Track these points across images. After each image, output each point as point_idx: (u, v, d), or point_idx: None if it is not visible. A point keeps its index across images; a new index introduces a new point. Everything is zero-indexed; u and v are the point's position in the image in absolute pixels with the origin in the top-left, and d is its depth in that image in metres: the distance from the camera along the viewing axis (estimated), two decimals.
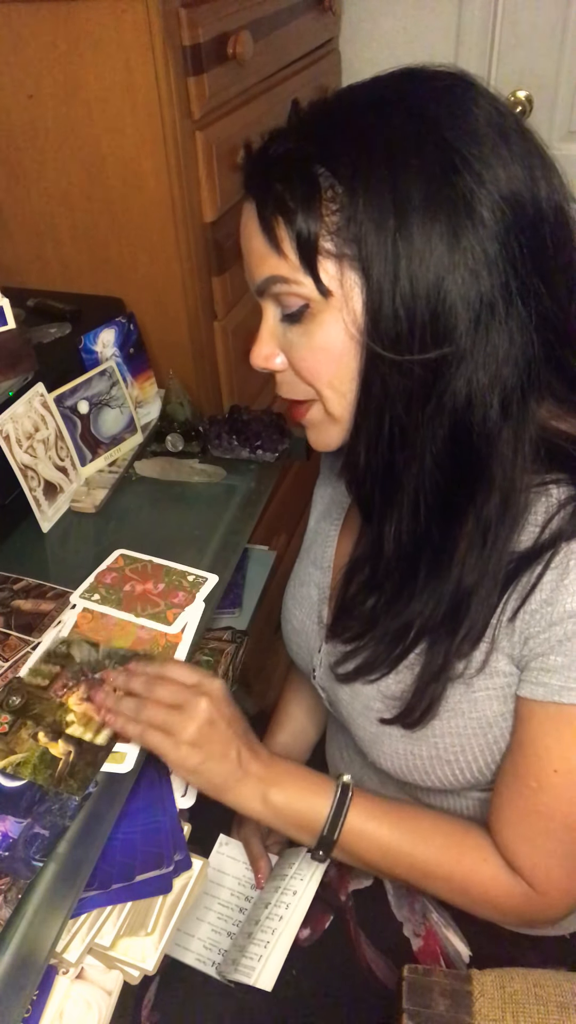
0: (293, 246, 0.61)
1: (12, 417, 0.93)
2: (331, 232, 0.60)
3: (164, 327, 1.19)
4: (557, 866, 0.68)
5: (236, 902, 0.92)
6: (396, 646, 0.70)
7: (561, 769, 0.64)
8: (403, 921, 0.85)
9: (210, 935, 0.89)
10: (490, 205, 0.57)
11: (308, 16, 1.44)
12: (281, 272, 0.63)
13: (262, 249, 0.63)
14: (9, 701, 0.77)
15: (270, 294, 0.65)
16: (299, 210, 0.60)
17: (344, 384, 0.65)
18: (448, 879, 0.72)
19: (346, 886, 0.88)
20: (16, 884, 0.63)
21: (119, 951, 0.66)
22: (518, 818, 0.68)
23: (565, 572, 0.60)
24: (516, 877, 0.69)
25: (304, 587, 0.88)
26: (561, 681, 0.61)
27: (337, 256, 0.60)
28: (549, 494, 0.62)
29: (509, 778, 0.68)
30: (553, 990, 0.70)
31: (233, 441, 1.08)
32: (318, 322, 0.63)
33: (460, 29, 1.65)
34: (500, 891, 0.70)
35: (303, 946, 0.85)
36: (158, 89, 1.01)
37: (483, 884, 0.71)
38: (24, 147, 1.10)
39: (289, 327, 0.66)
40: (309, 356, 0.66)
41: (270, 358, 0.69)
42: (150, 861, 0.68)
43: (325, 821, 0.72)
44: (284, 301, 0.64)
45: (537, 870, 0.68)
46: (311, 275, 0.61)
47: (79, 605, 0.87)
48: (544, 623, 0.61)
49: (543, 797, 0.65)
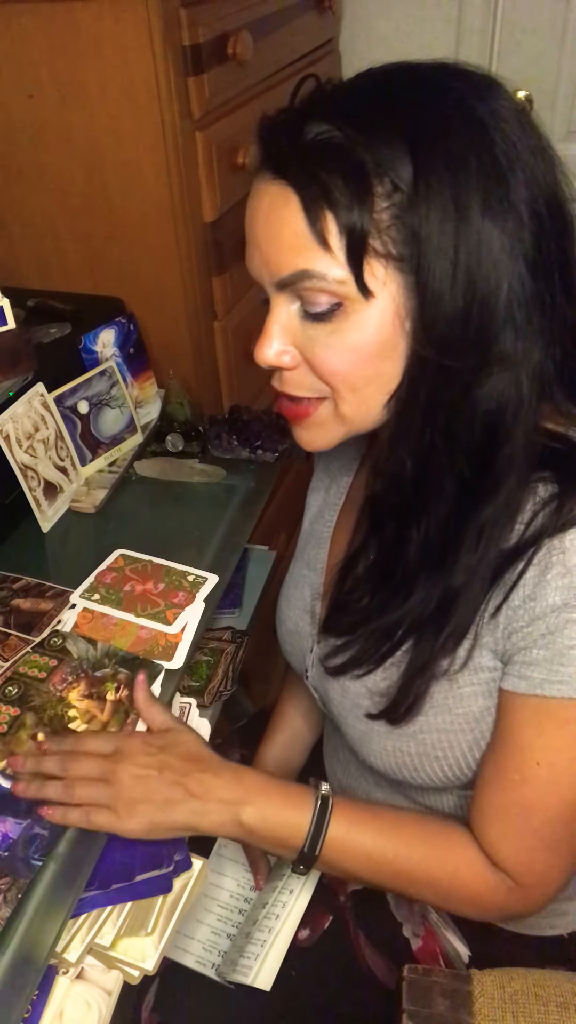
0: (342, 242, 0.57)
1: (12, 417, 0.93)
2: (381, 230, 0.57)
3: (164, 327, 1.19)
4: (539, 860, 0.68)
5: (235, 904, 0.92)
6: (385, 642, 0.70)
7: (543, 762, 0.63)
8: (402, 921, 0.85)
9: (209, 937, 0.89)
10: (530, 211, 0.57)
11: (308, 16, 1.44)
12: (318, 267, 0.58)
13: (297, 240, 0.58)
14: (6, 691, 0.77)
15: (296, 289, 0.60)
16: (352, 204, 0.56)
17: (369, 386, 0.63)
18: (433, 883, 0.71)
19: (345, 886, 0.88)
20: (16, 884, 0.63)
21: (119, 951, 0.65)
22: (501, 814, 0.67)
23: (547, 567, 0.60)
24: (499, 873, 0.69)
25: (297, 589, 0.88)
26: (543, 674, 0.61)
27: (385, 255, 0.57)
28: (535, 492, 0.62)
29: (491, 773, 0.68)
30: (553, 990, 0.71)
31: (233, 441, 1.08)
32: (351, 322, 0.60)
33: (460, 29, 1.65)
34: (484, 889, 0.70)
35: (302, 947, 0.85)
36: (158, 89, 1.01)
37: (467, 884, 0.70)
38: (24, 147, 1.10)
39: (312, 324, 0.62)
40: (334, 355, 0.62)
41: (281, 355, 0.64)
42: (150, 861, 0.68)
43: (305, 837, 0.70)
44: (311, 298, 0.60)
45: (520, 865, 0.68)
46: (355, 273, 0.58)
47: (79, 605, 0.87)
48: (527, 618, 0.62)
49: (525, 791, 0.65)
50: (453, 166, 0.56)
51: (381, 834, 0.71)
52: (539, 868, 0.68)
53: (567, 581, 0.59)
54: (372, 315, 0.59)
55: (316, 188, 0.57)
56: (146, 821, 0.68)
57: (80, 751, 0.71)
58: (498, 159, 0.57)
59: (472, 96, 0.58)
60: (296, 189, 0.58)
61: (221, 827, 0.70)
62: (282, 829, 0.70)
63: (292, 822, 0.70)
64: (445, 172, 0.55)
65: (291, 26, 1.35)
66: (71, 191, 1.12)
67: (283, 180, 0.58)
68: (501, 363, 0.59)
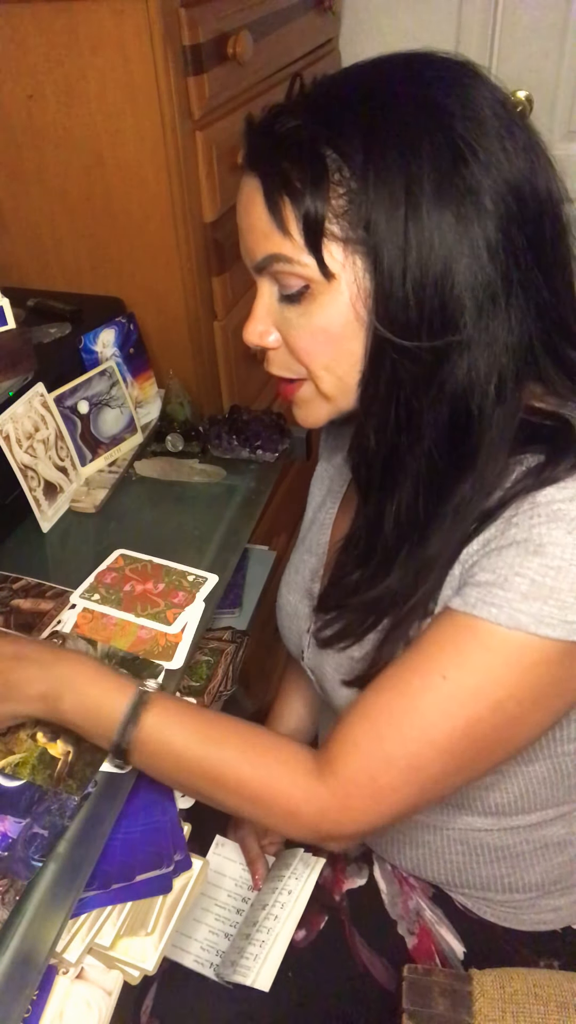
0: (299, 227, 0.61)
1: (12, 417, 0.93)
2: (338, 215, 0.60)
3: (164, 327, 1.19)
4: (392, 774, 0.63)
5: (233, 903, 0.92)
6: (369, 615, 0.71)
7: (450, 677, 0.61)
8: (397, 920, 0.85)
9: (208, 936, 0.89)
10: (495, 196, 0.58)
11: (308, 16, 1.44)
12: (284, 251, 0.63)
13: (265, 227, 0.63)
14: None
15: (269, 272, 0.65)
16: (307, 191, 0.60)
17: (341, 366, 0.66)
18: (243, 787, 0.67)
19: (340, 886, 0.89)
20: (15, 885, 0.63)
21: (119, 951, 0.66)
22: (381, 712, 0.64)
23: (516, 513, 0.60)
24: (319, 780, 0.64)
25: (299, 574, 0.89)
26: (479, 595, 0.60)
27: (343, 240, 0.61)
28: (522, 463, 0.62)
29: (392, 672, 0.65)
30: (553, 990, 0.71)
31: (233, 441, 1.08)
32: (319, 304, 0.64)
33: (460, 29, 1.65)
34: (299, 795, 0.65)
35: (299, 947, 0.85)
36: (158, 89, 1.01)
37: (281, 790, 0.66)
38: (24, 147, 1.10)
39: (287, 306, 0.66)
40: (306, 336, 0.66)
41: (264, 335, 0.69)
42: (150, 861, 0.68)
43: (119, 723, 0.67)
44: (283, 281, 0.64)
45: (368, 770, 0.63)
46: (315, 257, 0.61)
47: (79, 605, 0.87)
48: (484, 551, 0.62)
49: (419, 699, 0.62)
50: (405, 153, 0.58)
51: (196, 733, 0.68)
52: (385, 782, 0.63)
53: (531, 522, 0.59)
54: (335, 297, 0.63)
55: (277, 178, 0.61)
56: None
57: None
58: (457, 145, 0.58)
59: (441, 84, 0.60)
60: (260, 180, 0.62)
61: (43, 714, 0.70)
62: (99, 717, 0.68)
63: (109, 709, 0.68)
64: (396, 158, 0.58)
65: (291, 26, 1.35)
66: (71, 191, 1.12)
67: (254, 173, 0.63)
68: (463, 344, 0.60)
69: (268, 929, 0.83)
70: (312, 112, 0.62)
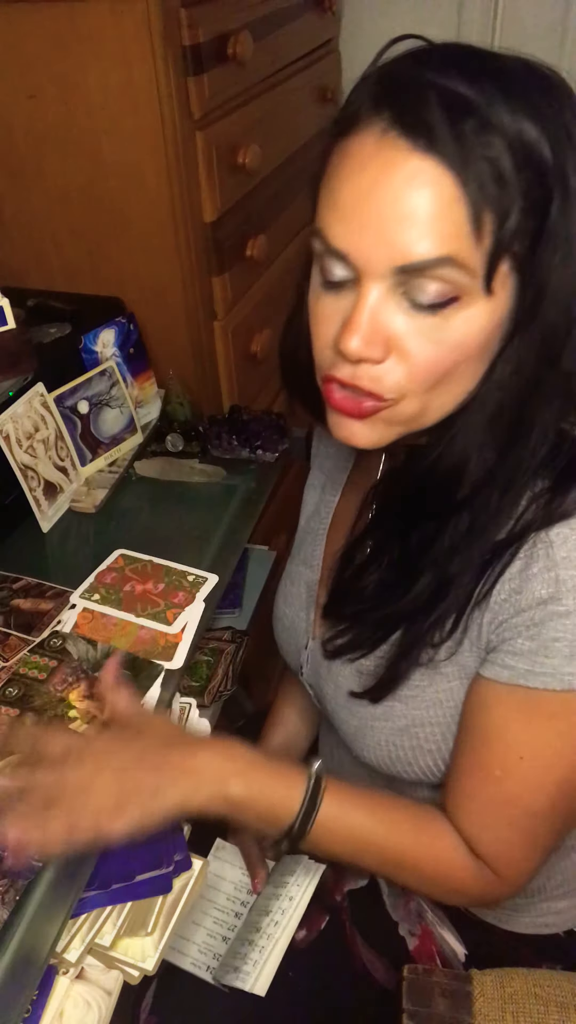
0: (495, 235, 0.53)
1: (12, 417, 0.93)
2: (521, 230, 0.54)
3: (164, 327, 1.19)
4: (517, 851, 0.68)
5: (232, 907, 0.92)
6: (382, 628, 0.71)
7: (527, 755, 0.64)
8: (398, 921, 0.85)
9: (206, 940, 0.89)
10: None
11: (308, 16, 1.44)
12: (462, 257, 0.53)
13: (447, 225, 0.52)
14: (6, 692, 0.77)
15: (419, 274, 0.54)
16: (508, 203, 0.52)
17: (449, 386, 0.59)
18: (418, 869, 0.71)
19: (341, 886, 0.88)
20: (15, 885, 0.63)
21: (119, 951, 0.66)
22: (480, 807, 0.67)
23: (532, 560, 0.61)
24: (479, 863, 0.69)
25: (295, 586, 0.88)
26: (527, 665, 0.61)
27: (512, 255, 0.54)
28: (532, 487, 0.63)
29: (471, 768, 0.68)
30: (553, 990, 0.71)
31: (233, 441, 1.08)
32: (461, 317, 0.56)
33: (460, 29, 1.65)
34: (467, 877, 0.70)
35: (299, 947, 0.85)
36: (158, 89, 1.01)
37: (452, 872, 0.70)
38: (24, 147, 1.10)
39: (416, 315, 0.56)
40: (437, 351, 0.57)
41: (375, 345, 0.57)
42: (150, 861, 0.68)
43: (296, 815, 0.67)
44: (431, 289, 0.54)
45: (500, 857, 0.68)
46: (488, 269, 0.54)
47: (79, 605, 0.87)
48: (512, 609, 0.62)
49: (507, 785, 0.65)
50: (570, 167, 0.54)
51: (371, 816, 0.70)
52: (516, 859, 0.69)
53: (552, 575, 0.60)
54: (483, 313, 0.56)
55: (481, 180, 0.52)
56: (137, 814, 0.63)
57: (42, 755, 0.66)
58: None
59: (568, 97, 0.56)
60: (457, 172, 0.51)
61: (210, 802, 0.65)
62: (272, 805, 0.68)
63: (282, 798, 0.67)
64: (566, 178, 0.54)
65: (291, 26, 1.35)
66: (71, 191, 1.12)
67: (432, 156, 0.52)
68: None
69: (270, 935, 0.83)
70: (515, 104, 0.52)
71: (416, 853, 0.71)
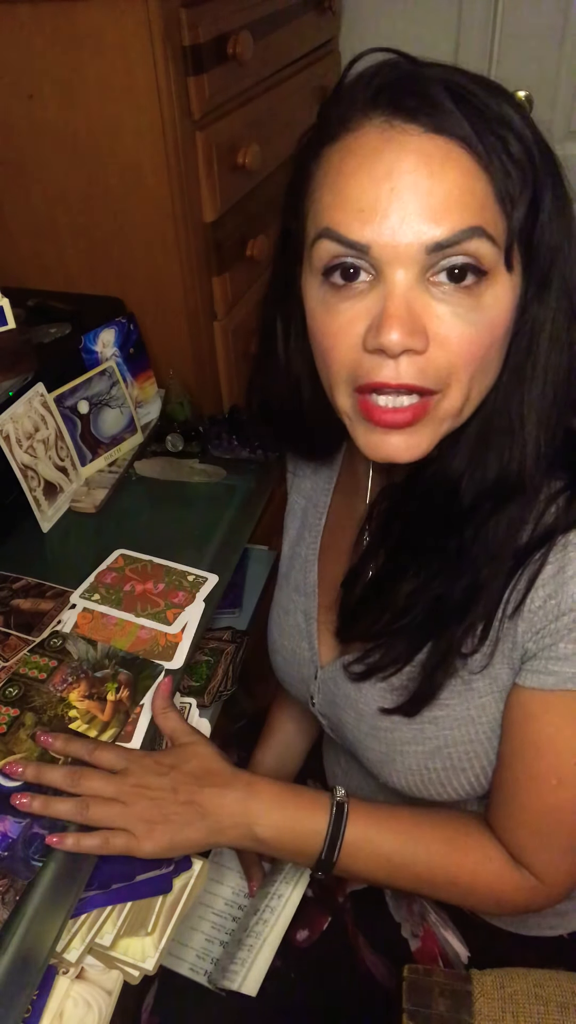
0: (518, 206, 0.54)
1: (12, 417, 0.93)
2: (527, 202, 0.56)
3: (164, 327, 1.19)
4: (568, 858, 0.68)
5: (230, 911, 0.92)
6: (417, 639, 0.68)
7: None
8: (401, 922, 0.85)
9: (203, 944, 0.88)
10: None
11: (308, 16, 1.44)
12: (493, 226, 0.53)
13: (474, 199, 0.53)
14: (6, 691, 0.77)
15: (450, 251, 0.53)
16: (528, 173, 0.55)
17: (485, 374, 0.58)
18: (454, 884, 0.70)
19: (344, 888, 0.88)
20: (15, 885, 0.63)
21: (119, 951, 0.65)
22: (535, 819, 0.66)
23: (566, 564, 0.60)
24: (522, 870, 0.68)
25: (290, 616, 0.86)
26: (573, 668, 0.61)
27: (522, 231, 0.56)
28: (544, 488, 0.62)
29: (523, 781, 0.66)
30: (553, 990, 0.71)
31: (233, 441, 1.08)
32: (490, 297, 0.55)
33: (460, 29, 1.65)
34: (507, 887, 0.69)
35: (301, 948, 0.85)
36: (158, 89, 1.01)
37: (489, 883, 0.69)
38: (24, 147, 1.10)
39: (451, 295, 0.55)
40: (472, 333, 0.55)
41: (417, 334, 0.54)
42: (150, 861, 0.68)
43: (322, 845, 0.69)
44: (463, 264, 0.54)
45: (548, 865, 0.68)
46: (508, 243, 0.55)
47: (79, 605, 0.87)
48: (551, 616, 0.61)
49: (563, 792, 0.64)
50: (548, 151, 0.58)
51: (399, 836, 0.70)
52: (564, 866, 0.68)
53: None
54: (508, 291, 0.56)
55: (501, 152, 0.53)
56: (165, 842, 0.67)
57: (91, 764, 0.70)
58: None
59: None
60: (477, 146, 0.53)
61: (238, 842, 0.70)
62: (298, 838, 0.69)
63: (308, 830, 0.69)
64: (550, 153, 0.57)
65: (291, 26, 1.35)
66: (71, 191, 1.12)
67: (448, 135, 0.53)
68: None
69: (257, 934, 0.83)
70: (500, 96, 0.56)
71: (450, 869, 0.70)
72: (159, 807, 0.67)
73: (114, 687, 0.78)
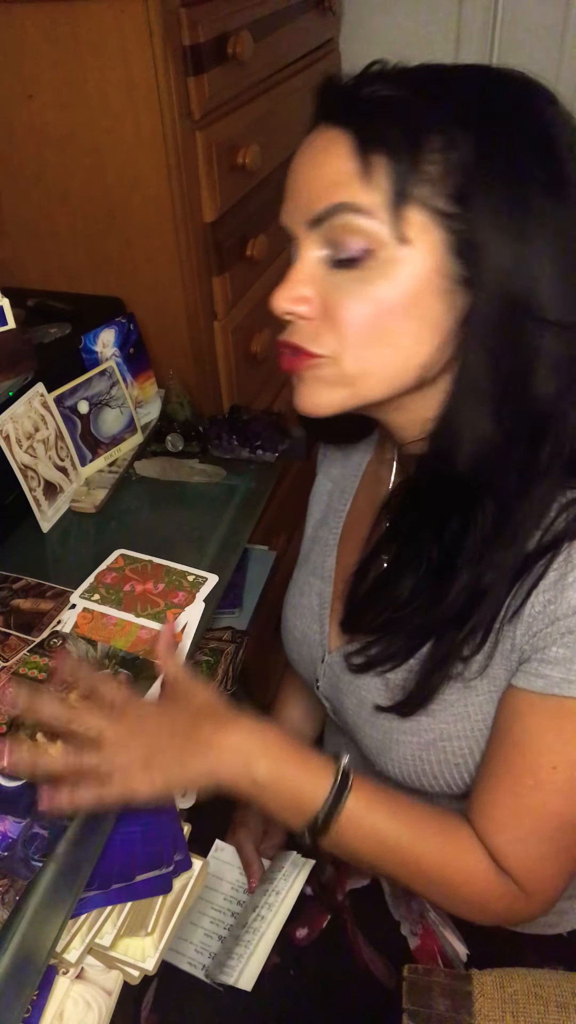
0: (390, 180, 0.56)
1: (12, 417, 0.93)
2: (432, 182, 0.57)
3: (164, 327, 1.19)
4: (547, 867, 0.67)
5: (229, 907, 0.92)
6: (415, 638, 0.69)
7: (560, 764, 0.63)
8: (400, 920, 0.85)
9: (203, 940, 0.89)
10: None
11: (308, 16, 1.44)
12: (359, 201, 0.57)
13: (339, 176, 0.58)
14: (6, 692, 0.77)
15: (327, 227, 0.59)
16: (410, 148, 0.56)
17: (382, 346, 0.61)
18: (440, 879, 0.69)
19: (343, 886, 0.88)
20: (15, 885, 0.63)
21: (119, 951, 0.66)
22: (511, 819, 0.66)
23: (568, 571, 0.60)
24: (506, 879, 0.67)
25: (305, 597, 0.87)
26: (562, 673, 0.61)
27: (431, 209, 0.57)
28: (558, 498, 0.62)
29: (502, 777, 0.66)
30: (553, 990, 0.70)
31: (233, 441, 1.08)
32: (381, 271, 0.58)
33: (460, 29, 1.65)
34: (492, 892, 0.68)
35: (300, 945, 0.85)
36: (158, 89, 1.01)
37: (476, 885, 0.69)
38: (24, 147, 1.10)
39: (339, 271, 0.60)
40: (357, 305, 0.60)
41: (300, 301, 0.62)
42: (150, 861, 0.68)
43: (321, 806, 0.66)
44: (342, 239, 0.59)
45: (528, 872, 0.67)
46: (392, 215, 0.57)
47: (79, 605, 0.87)
48: (547, 620, 0.61)
49: (539, 795, 0.64)
50: (516, 143, 0.57)
51: (395, 818, 0.68)
52: (546, 875, 0.67)
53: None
54: (403, 266, 0.58)
55: (370, 129, 0.57)
56: (160, 783, 0.65)
57: (89, 698, 0.70)
58: (562, 152, 0.58)
59: (535, 96, 0.61)
60: (351, 130, 0.58)
61: (234, 779, 0.66)
62: (296, 794, 0.67)
63: (308, 788, 0.67)
64: (507, 146, 0.57)
65: (291, 26, 1.35)
66: (71, 191, 1.12)
67: (337, 125, 0.59)
68: (554, 346, 0.58)
69: (255, 930, 0.83)
70: (410, 83, 0.59)
71: (439, 861, 0.69)
72: (154, 748, 0.66)
73: None
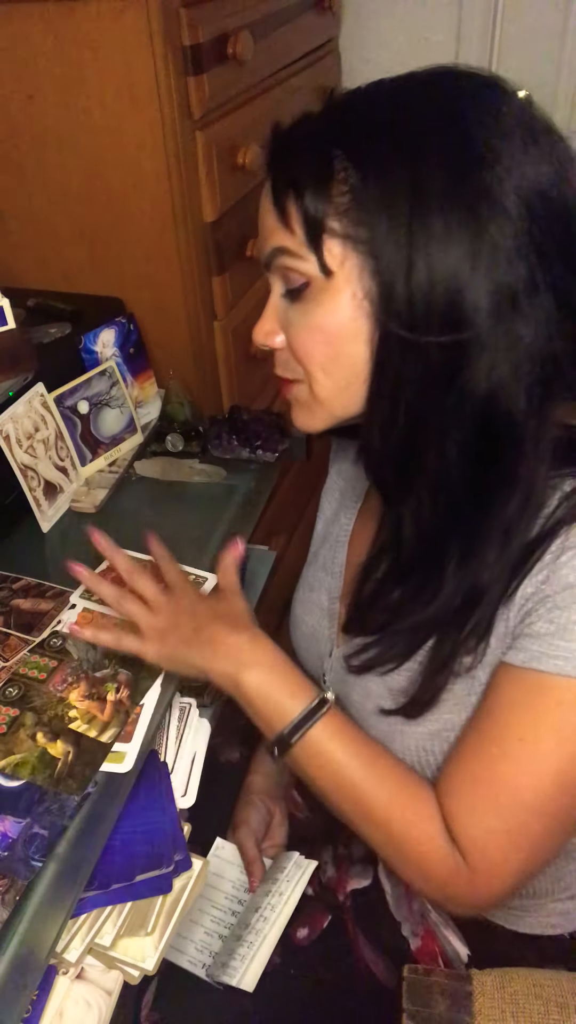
0: (300, 221, 0.62)
1: (12, 417, 0.93)
2: (340, 212, 0.60)
3: (164, 327, 1.19)
4: (495, 845, 0.65)
5: (230, 906, 0.92)
6: (412, 640, 0.70)
7: (527, 738, 0.62)
8: (401, 921, 0.85)
9: (203, 938, 0.89)
10: (516, 199, 0.57)
11: (308, 16, 1.44)
12: (287, 244, 0.63)
13: (273, 222, 0.64)
14: (6, 692, 0.77)
15: (276, 267, 0.66)
16: (309, 186, 0.61)
17: (339, 368, 0.65)
18: (388, 827, 0.69)
19: (344, 886, 0.88)
20: (15, 885, 0.63)
21: (119, 951, 0.66)
22: (469, 785, 0.66)
23: (562, 551, 0.61)
24: (453, 848, 0.66)
25: (314, 592, 0.88)
26: (542, 648, 0.61)
27: (343, 237, 0.61)
28: (560, 488, 0.62)
29: (471, 742, 0.66)
30: (553, 990, 0.70)
31: (233, 441, 1.08)
32: (317, 301, 0.64)
33: (460, 29, 1.65)
34: (434, 856, 0.67)
35: (301, 945, 0.85)
36: (158, 89, 1.01)
37: (419, 843, 0.67)
38: (24, 147, 1.10)
39: (290, 304, 0.67)
40: (304, 334, 0.66)
41: (271, 335, 0.70)
42: (150, 861, 0.68)
43: (289, 723, 0.70)
44: (288, 276, 0.65)
45: (475, 844, 0.65)
46: (315, 252, 0.62)
47: (79, 605, 0.87)
48: (539, 597, 0.62)
49: (501, 766, 0.64)
50: (412, 152, 0.58)
51: (357, 757, 0.70)
52: (493, 855, 0.65)
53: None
54: (333, 295, 0.63)
55: (284, 175, 0.63)
56: (166, 653, 0.75)
57: (146, 571, 0.80)
58: (471, 147, 0.58)
59: (461, 93, 0.61)
60: (271, 176, 0.65)
61: (222, 678, 0.73)
62: (273, 707, 0.71)
63: (284, 703, 0.71)
64: (402, 157, 0.58)
65: (291, 26, 1.35)
66: (71, 191, 1.12)
67: (268, 172, 0.66)
68: (479, 344, 0.59)
69: (258, 931, 0.83)
70: (328, 115, 0.64)
71: (389, 809, 0.69)
72: (176, 624, 0.75)
73: (114, 687, 0.78)
